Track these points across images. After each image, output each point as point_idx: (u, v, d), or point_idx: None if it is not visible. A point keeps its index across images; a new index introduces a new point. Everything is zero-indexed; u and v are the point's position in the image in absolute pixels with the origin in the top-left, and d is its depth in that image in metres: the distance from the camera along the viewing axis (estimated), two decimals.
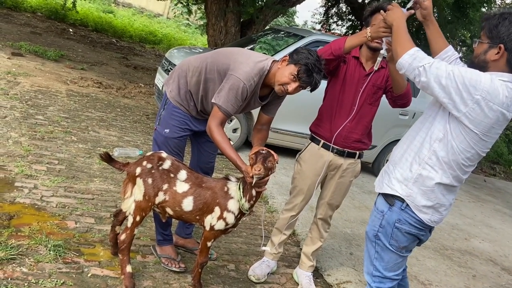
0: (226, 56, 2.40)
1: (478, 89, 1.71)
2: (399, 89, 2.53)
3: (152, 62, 10.54)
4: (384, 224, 2.01)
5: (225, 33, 8.32)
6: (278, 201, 4.18)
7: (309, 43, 5.48)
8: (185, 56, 5.65)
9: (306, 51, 2.26)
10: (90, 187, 3.39)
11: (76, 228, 2.80)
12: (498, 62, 1.80)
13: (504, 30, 1.77)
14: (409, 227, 1.97)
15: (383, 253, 2.05)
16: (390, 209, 2.00)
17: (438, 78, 1.77)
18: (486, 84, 1.72)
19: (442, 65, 1.79)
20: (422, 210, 1.94)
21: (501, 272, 4.20)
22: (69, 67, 7.25)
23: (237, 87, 2.26)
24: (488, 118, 1.75)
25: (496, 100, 1.72)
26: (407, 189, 1.94)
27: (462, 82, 1.73)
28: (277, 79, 2.30)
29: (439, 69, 1.77)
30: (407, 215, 1.96)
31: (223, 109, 2.28)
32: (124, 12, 18.06)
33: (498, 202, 7.31)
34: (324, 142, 2.71)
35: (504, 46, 1.77)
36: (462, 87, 1.73)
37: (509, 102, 1.75)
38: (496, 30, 1.79)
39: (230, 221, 2.31)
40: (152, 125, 5.49)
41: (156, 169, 2.30)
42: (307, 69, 2.22)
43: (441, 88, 1.77)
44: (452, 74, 1.75)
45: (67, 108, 5.10)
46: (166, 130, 2.55)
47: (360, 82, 2.63)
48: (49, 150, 3.82)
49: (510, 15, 1.78)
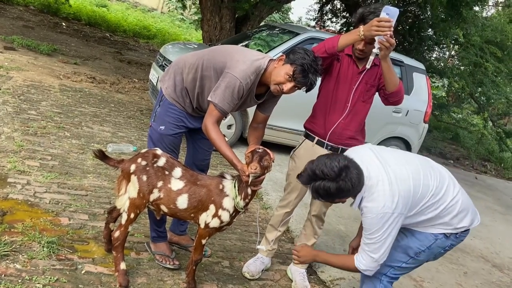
0: (223, 53, 2.39)
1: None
2: (392, 86, 2.54)
3: (146, 57, 10.47)
4: (433, 247, 2.13)
5: (220, 29, 8.29)
6: (273, 197, 4.19)
7: (304, 40, 5.48)
8: (180, 51, 5.63)
9: (302, 51, 2.25)
10: (84, 183, 3.37)
11: (70, 224, 2.79)
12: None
13: (335, 194, 2.02)
14: (451, 247, 2.18)
15: (413, 265, 2.22)
16: (446, 237, 2.13)
17: (375, 248, 2.06)
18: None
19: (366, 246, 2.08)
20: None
21: (492, 269, 4.25)
22: (62, 62, 7.19)
23: (233, 86, 2.25)
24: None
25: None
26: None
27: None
28: (273, 78, 2.30)
29: (370, 248, 2.07)
30: (458, 240, 2.17)
31: (219, 107, 2.28)
32: (117, 6, 17.91)
33: (489, 199, 7.38)
34: (318, 139, 2.72)
35: (355, 194, 2.04)
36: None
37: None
38: (335, 197, 2.05)
39: (225, 219, 2.32)
40: (146, 120, 5.47)
41: (150, 166, 2.30)
42: (302, 70, 2.22)
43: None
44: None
45: (60, 103, 5.06)
46: (161, 127, 2.54)
47: (354, 80, 2.64)
48: (42, 146, 3.79)
49: (317, 187, 1.99)
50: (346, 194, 1.98)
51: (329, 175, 1.91)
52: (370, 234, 2.01)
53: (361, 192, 2.01)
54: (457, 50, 10.79)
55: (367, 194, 2.00)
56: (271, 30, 6.75)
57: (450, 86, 9.88)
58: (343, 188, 1.92)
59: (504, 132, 10.38)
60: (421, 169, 2.06)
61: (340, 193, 1.95)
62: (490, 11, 13.14)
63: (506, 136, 10.32)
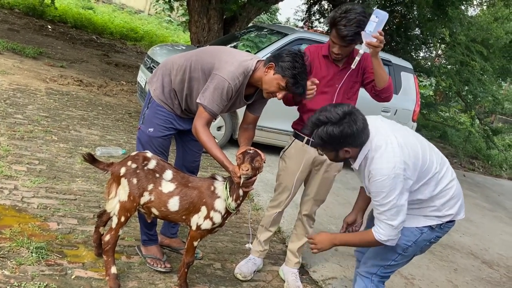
0: (211, 55, 2.37)
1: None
2: (382, 83, 2.55)
3: (134, 59, 10.40)
4: (420, 241, 2.11)
5: (208, 30, 8.27)
6: (264, 198, 4.18)
7: (292, 40, 5.49)
8: (168, 53, 5.60)
9: (291, 58, 2.22)
10: (72, 188, 3.33)
11: (59, 229, 2.75)
12: (353, 153, 2.01)
13: (336, 141, 1.95)
14: (437, 239, 2.15)
15: (402, 261, 2.20)
16: (431, 229, 2.10)
17: (394, 214, 1.96)
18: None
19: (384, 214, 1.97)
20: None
21: (481, 265, 4.30)
22: (48, 65, 7.10)
23: (222, 87, 2.24)
24: None
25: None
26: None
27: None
28: (265, 86, 2.30)
29: (387, 216, 1.97)
30: (443, 231, 2.14)
31: (208, 109, 2.27)
32: (104, 8, 17.75)
33: (478, 196, 7.47)
34: (308, 139, 2.73)
35: (347, 147, 1.97)
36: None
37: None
38: (331, 145, 1.98)
39: (217, 220, 2.30)
40: (134, 123, 5.42)
41: (141, 169, 2.27)
42: (295, 82, 2.22)
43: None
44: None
45: (47, 107, 5.00)
46: (150, 129, 2.52)
47: (336, 79, 2.65)
48: (29, 150, 3.74)
49: (319, 133, 1.95)
50: (350, 141, 1.92)
51: (333, 119, 1.88)
52: (383, 199, 1.91)
53: (365, 148, 1.96)
54: (444, 49, 10.91)
55: (375, 154, 1.93)
56: (259, 31, 6.75)
57: (437, 85, 9.98)
58: (347, 133, 1.87)
59: (491, 129, 10.52)
60: (427, 145, 2.05)
61: (344, 139, 1.90)
62: (475, 10, 13.32)
63: (493, 134, 10.46)
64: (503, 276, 4.18)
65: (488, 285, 3.88)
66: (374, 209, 2.01)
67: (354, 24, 2.38)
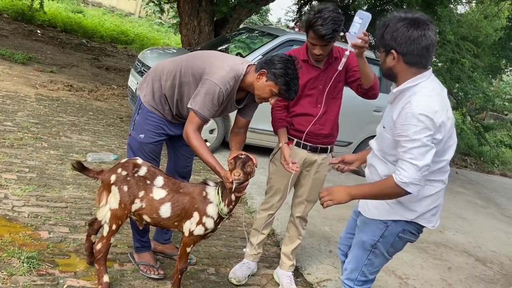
0: (201, 59, 2.37)
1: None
2: (369, 81, 2.57)
3: (125, 63, 10.35)
4: (386, 235, 2.03)
5: (198, 33, 8.25)
6: (257, 201, 4.17)
7: (283, 42, 5.50)
8: (159, 57, 5.58)
9: (283, 64, 2.22)
10: (63, 195, 3.30)
11: (50, 238, 2.72)
12: (399, 66, 1.87)
13: (389, 37, 1.85)
14: (411, 236, 2.04)
15: (376, 260, 2.10)
16: (395, 221, 2.01)
17: (422, 153, 1.79)
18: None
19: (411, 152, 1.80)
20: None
21: (475, 263, 4.32)
22: (38, 70, 7.05)
23: (213, 92, 2.23)
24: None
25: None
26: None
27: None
28: (258, 93, 2.30)
29: (415, 153, 1.79)
30: (412, 226, 2.01)
31: (199, 114, 2.26)
32: (94, 11, 17.64)
33: (470, 193, 7.52)
34: (297, 141, 2.73)
35: (395, 51, 1.84)
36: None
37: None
38: (384, 39, 1.87)
39: (209, 226, 2.29)
40: (126, 128, 5.39)
41: (131, 176, 2.26)
42: (288, 88, 2.23)
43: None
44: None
45: (36, 113, 4.95)
46: (141, 135, 2.50)
47: (319, 80, 2.67)
48: (19, 158, 3.70)
49: (391, 20, 1.86)
50: (412, 48, 1.79)
51: (414, 19, 1.79)
52: (415, 134, 1.75)
53: (416, 79, 1.84)
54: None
55: (423, 90, 1.81)
56: (251, 32, 6.74)
57: None
58: (416, 36, 1.76)
59: (482, 126, 10.58)
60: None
61: (410, 41, 1.78)
62: (465, 7, 13.41)
63: (485, 130, 10.53)
64: (497, 273, 4.20)
65: (482, 282, 3.90)
66: (399, 148, 1.83)
67: (330, 22, 2.41)
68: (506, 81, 17.17)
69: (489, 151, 11.49)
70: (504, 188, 9.07)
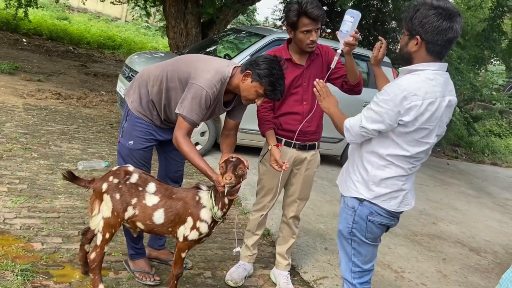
0: (187, 63, 2.36)
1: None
2: (356, 77, 2.62)
3: (113, 68, 10.29)
4: (357, 220, 2.05)
5: (186, 35, 8.23)
6: (251, 202, 4.16)
7: (271, 41, 5.51)
8: (146, 61, 5.55)
9: (267, 65, 2.22)
10: (55, 205, 3.28)
11: (43, 249, 2.70)
12: (419, 53, 1.89)
13: (417, 22, 1.85)
14: (381, 218, 2.04)
15: (360, 248, 2.09)
16: (361, 204, 2.04)
17: (372, 119, 1.90)
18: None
19: (368, 110, 1.93)
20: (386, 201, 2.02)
21: (469, 253, 4.37)
22: (25, 80, 6.98)
23: (200, 96, 2.23)
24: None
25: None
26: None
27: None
28: (243, 94, 2.31)
29: (368, 114, 1.92)
30: (377, 207, 2.01)
31: (188, 119, 2.25)
32: (79, 18, 17.53)
33: (462, 184, 7.59)
34: (286, 140, 2.73)
35: (420, 37, 1.85)
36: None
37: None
38: (411, 23, 1.88)
39: (204, 230, 2.29)
40: (116, 134, 5.36)
41: (123, 184, 2.25)
42: (273, 89, 2.23)
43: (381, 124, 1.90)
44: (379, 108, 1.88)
45: (25, 123, 4.91)
46: (130, 142, 2.49)
47: (303, 78, 2.68)
48: (9, 169, 3.66)
49: (422, 5, 1.86)
50: (438, 38, 1.81)
51: (448, 10, 1.81)
52: (380, 101, 1.85)
53: (428, 65, 1.87)
54: None
55: (421, 74, 1.85)
56: (238, 33, 6.74)
57: None
58: (443, 28, 1.78)
59: (471, 116, 10.70)
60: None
61: (438, 31, 1.79)
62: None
63: (474, 121, 10.65)
64: (491, 263, 4.25)
65: (476, 272, 3.94)
66: (369, 104, 1.95)
67: (317, 4, 2.48)
68: (492, 71, 17.35)
69: (478, 141, 11.62)
70: (495, 177, 9.17)
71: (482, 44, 9.07)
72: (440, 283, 3.55)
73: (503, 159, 11.36)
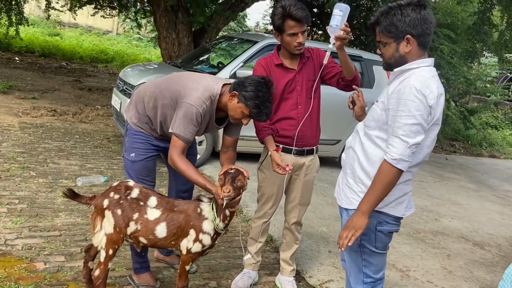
0: (177, 82, 2.42)
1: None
2: (351, 72, 2.61)
3: (107, 82, 10.29)
4: (366, 232, 1.94)
5: (178, 45, 8.24)
6: (253, 209, 4.16)
7: (263, 47, 5.53)
8: (140, 74, 5.55)
9: (254, 86, 2.24)
10: (56, 223, 3.26)
11: (46, 269, 2.69)
12: (412, 51, 1.88)
13: (401, 23, 1.85)
14: (390, 226, 2.00)
15: (371, 258, 2.05)
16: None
17: (415, 131, 1.78)
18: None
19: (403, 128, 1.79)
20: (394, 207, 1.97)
21: (473, 247, 4.37)
22: (19, 98, 6.97)
23: (190, 113, 2.27)
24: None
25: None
26: None
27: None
28: (231, 114, 2.35)
29: (406, 130, 1.78)
30: (384, 215, 1.98)
31: (181, 137, 2.29)
32: (71, 33, 17.55)
33: (462, 178, 7.60)
34: (284, 147, 2.73)
35: (411, 35, 1.85)
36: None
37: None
38: (395, 27, 1.86)
39: (207, 242, 2.28)
40: (114, 148, 5.35)
41: (124, 199, 2.24)
42: (258, 111, 2.26)
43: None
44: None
45: (22, 142, 4.89)
46: (131, 154, 2.55)
47: (296, 82, 2.69)
48: (8, 190, 3.65)
49: (393, 10, 1.86)
50: (423, 29, 1.83)
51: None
52: (410, 110, 1.75)
53: (419, 61, 1.86)
54: None
55: (421, 71, 1.83)
56: (230, 41, 6.76)
57: None
58: (427, 18, 1.81)
59: (466, 110, 10.73)
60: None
61: (423, 22, 1.82)
62: None
63: (469, 114, 10.67)
64: (496, 256, 4.25)
65: (482, 266, 3.94)
66: (392, 123, 1.80)
67: (301, 6, 2.50)
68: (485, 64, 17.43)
69: (476, 134, 11.64)
70: (494, 169, 9.19)
71: (474, 37, 9.12)
72: (446, 280, 3.54)
73: (501, 151, 11.40)
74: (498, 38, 10.08)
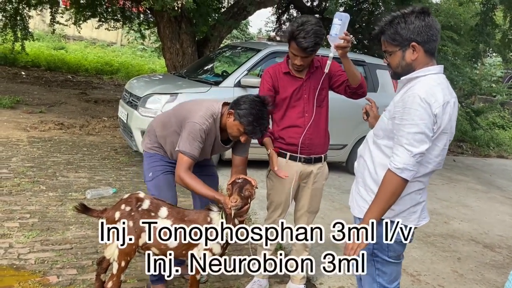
0: (184, 108, 2.61)
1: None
2: (357, 79, 2.62)
3: (113, 93, 10.38)
4: (378, 241, 1.94)
5: (182, 55, 8.32)
6: (261, 216, 4.17)
7: (267, 54, 5.57)
8: (145, 85, 5.61)
9: (247, 105, 2.35)
10: (67, 236, 3.29)
11: (59, 282, 2.71)
12: (419, 58, 1.87)
13: (406, 31, 1.85)
14: (398, 237, 1.97)
15: (385, 268, 2.03)
16: (379, 224, 1.92)
17: (419, 140, 1.77)
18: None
19: (406, 137, 1.78)
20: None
21: (484, 250, 4.34)
22: (27, 113, 7.05)
23: (194, 130, 2.38)
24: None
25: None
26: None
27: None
28: (229, 131, 2.47)
29: (410, 139, 1.77)
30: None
31: (187, 153, 2.37)
32: (75, 46, 17.73)
33: (470, 179, 7.56)
34: (290, 154, 2.75)
35: (417, 42, 1.85)
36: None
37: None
38: (399, 35, 1.86)
39: (217, 251, 2.30)
40: (122, 159, 5.40)
41: (135, 211, 2.27)
42: (252, 128, 2.35)
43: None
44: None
45: (31, 157, 4.95)
46: (150, 174, 2.66)
47: (303, 90, 2.70)
48: (19, 204, 3.69)
49: (397, 18, 1.87)
50: (428, 36, 1.82)
51: (416, 9, 1.85)
52: (414, 119, 1.74)
53: (426, 69, 1.85)
54: None
55: (427, 79, 1.82)
56: (233, 49, 6.82)
57: None
58: (431, 24, 1.81)
59: (473, 111, 10.68)
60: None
61: (428, 29, 1.82)
62: None
63: (476, 115, 10.62)
64: (506, 257, 4.22)
65: (493, 269, 3.91)
66: (397, 132, 1.80)
67: (312, 35, 2.47)
68: (490, 64, 17.37)
69: (483, 135, 11.58)
70: (503, 169, 9.14)
71: (477, 38, 9.11)
72: (457, 283, 3.52)
73: (509, 151, 11.33)
74: (501, 38, 10.06)
